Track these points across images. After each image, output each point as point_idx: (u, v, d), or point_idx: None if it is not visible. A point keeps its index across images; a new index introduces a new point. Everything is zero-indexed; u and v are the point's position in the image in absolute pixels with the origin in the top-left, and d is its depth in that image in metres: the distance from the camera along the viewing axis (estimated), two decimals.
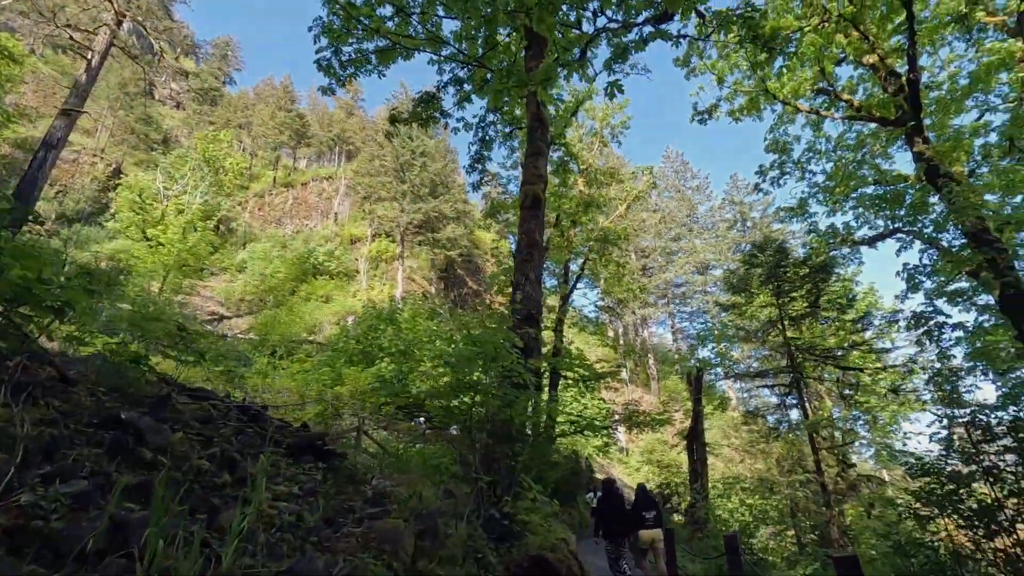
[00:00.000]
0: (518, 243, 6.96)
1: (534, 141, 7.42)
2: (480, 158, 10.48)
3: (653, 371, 46.20)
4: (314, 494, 2.71)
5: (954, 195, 11.50)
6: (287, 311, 38.50)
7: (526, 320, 6.33)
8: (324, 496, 2.73)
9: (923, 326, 12.90)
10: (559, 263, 20.65)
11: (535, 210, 7.04)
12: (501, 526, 3.77)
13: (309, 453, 3.39)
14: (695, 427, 15.53)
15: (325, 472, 3.21)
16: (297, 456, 3.31)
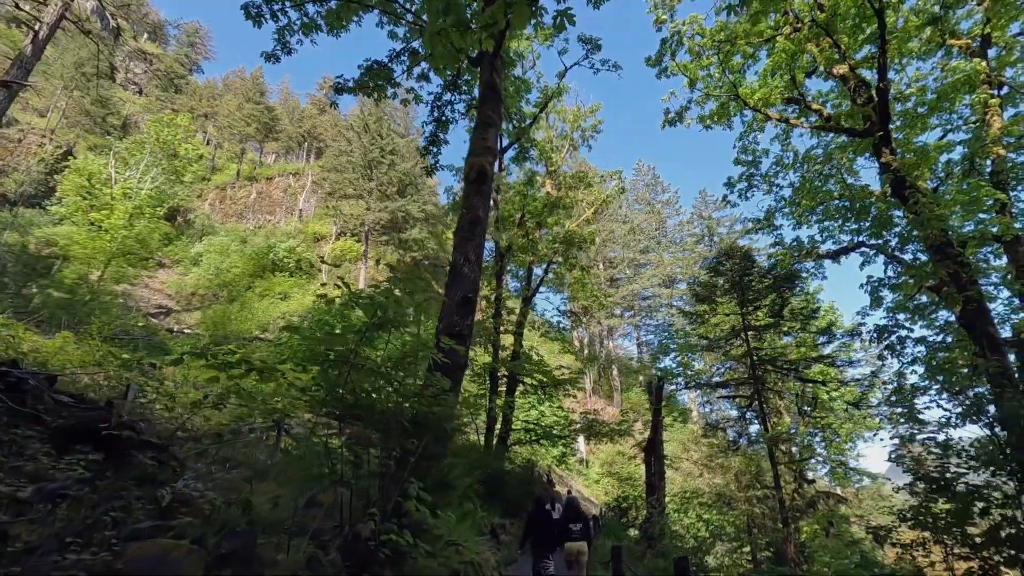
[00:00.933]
0: (460, 220, 6.24)
1: (485, 111, 6.71)
2: (435, 140, 9.72)
3: (617, 383, 45.92)
4: (57, 499, 1.88)
5: (920, 206, 11.30)
6: (239, 307, 36.77)
7: (461, 304, 5.57)
8: (81, 502, 1.91)
9: (885, 339, 12.65)
10: (522, 265, 19.99)
11: (481, 184, 6.31)
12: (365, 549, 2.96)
13: (85, 440, 2.53)
14: (654, 438, 14.97)
15: (104, 466, 2.38)
16: (65, 443, 2.45)
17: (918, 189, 12.11)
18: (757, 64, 16.92)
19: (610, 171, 20.97)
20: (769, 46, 15.65)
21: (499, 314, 16.99)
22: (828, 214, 17.20)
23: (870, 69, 14.50)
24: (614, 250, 50.56)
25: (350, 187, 41.95)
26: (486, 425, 15.91)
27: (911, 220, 11.86)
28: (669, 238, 51.62)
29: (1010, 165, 14.09)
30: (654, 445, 15.07)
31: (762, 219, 18.00)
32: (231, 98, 75.82)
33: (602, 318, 46.62)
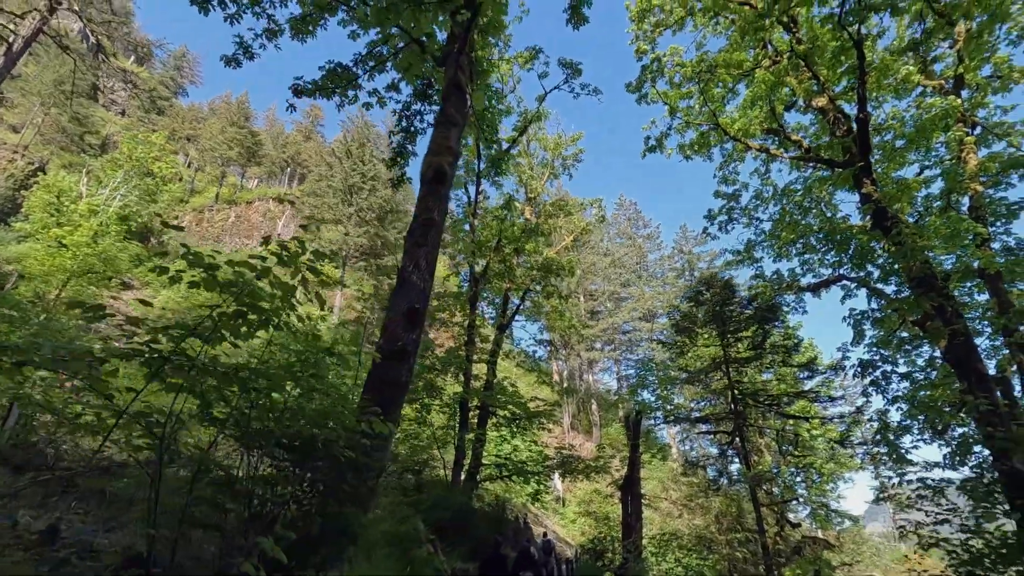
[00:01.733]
0: (412, 222, 5.63)
1: (448, 109, 6.19)
2: (403, 151, 9.19)
3: (597, 418, 44.93)
4: None
5: (902, 236, 11.03)
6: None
7: (407, 316, 4.90)
8: None
9: (869, 375, 12.20)
10: (498, 293, 19.37)
11: (438, 185, 5.74)
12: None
13: None
14: (631, 476, 14.17)
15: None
16: None
17: (900, 220, 11.90)
18: (736, 98, 17.01)
19: (590, 199, 20.70)
20: (748, 79, 15.68)
21: (472, 341, 16.25)
22: (808, 247, 17.05)
23: (849, 103, 14.54)
24: (595, 283, 50.34)
25: (329, 211, 41.30)
26: (454, 459, 14.96)
27: (894, 252, 11.60)
28: (650, 272, 51.64)
29: (988, 200, 14.06)
30: (631, 483, 14.25)
31: (742, 251, 17.78)
32: (215, 121, 75.42)
33: (582, 351, 45.95)
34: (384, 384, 4.56)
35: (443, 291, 19.20)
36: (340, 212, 41.29)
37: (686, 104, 16.78)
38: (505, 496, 22.60)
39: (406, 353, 4.81)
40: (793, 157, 15.12)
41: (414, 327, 4.96)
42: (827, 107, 14.45)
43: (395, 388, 4.63)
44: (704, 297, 15.02)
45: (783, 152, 15.38)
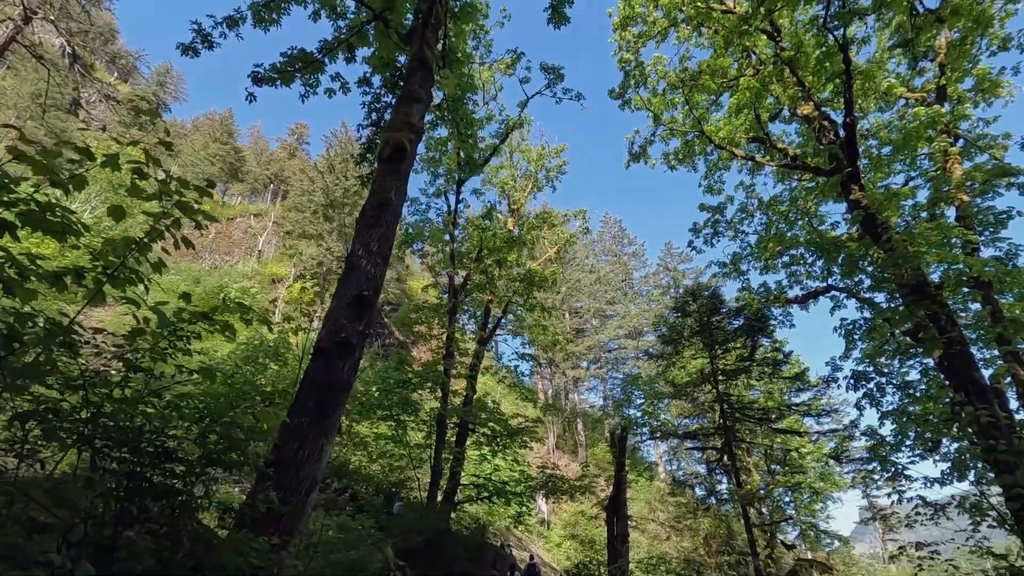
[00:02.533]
0: (366, 203, 5.03)
1: (411, 84, 5.64)
2: (372, 147, 8.64)
3: (582, 437, 44.07)
4: None
5: (893, 242, 10.67)
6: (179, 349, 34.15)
7: (353, 305, 4.27)
8: None
9: (862, 387, 11.72)
10: (479, 306, 18.75)
11: (397, 164, 5.16)
12: None
13: None
14: (617, 496, 13.45)
15: None
16: None
17: (889, 227, 11.58)
18: (720, 110, 16.82)
19: (574, 210, 20.30)
20: (733, 88, 15.47)
21: (451, 355, 15.54)
22: (795, 259, 16.78)
23: (835, 110, 14.37)
24: (580, 300, 49.92)
25: (310, 226, 40.52)
26: (431, 479, 14.13)
27: (884, 259, 11.24)
28: (635, 290, 51.40)
29: (976, 210, 13.87)
30: (617, 503, 13.53)
31: (729, 263, 17.44)
32: (197, 137, 74.65)
33: (567, 368, 45.27)
34: (322, 384, 3.90)
35: (422, 303, 18.52)
36: (322, 227, 40.54)
37: (670, 115, 16.56)
38: (486, 519, 21.65)
39: (350, 347, 4.15)
40: (780, 165, 14.86)
41: (361, 317, 4.31)
42: (813, 115, 14.23)
43: (334, 389, 3.96)
44: (691, 308, 14.54)
45: (769, 160, 15.12)
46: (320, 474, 3.64)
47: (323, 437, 3.72)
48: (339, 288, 4.56)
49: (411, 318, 17.31)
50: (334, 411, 3.88)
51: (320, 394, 3.85)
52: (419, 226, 16.87)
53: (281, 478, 3.40)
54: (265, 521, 3.14)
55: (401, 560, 11.25)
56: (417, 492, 15.39)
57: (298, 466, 3.49)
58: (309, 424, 3.71)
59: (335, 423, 3.89)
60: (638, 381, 17.23)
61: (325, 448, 3.72)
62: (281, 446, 3.58)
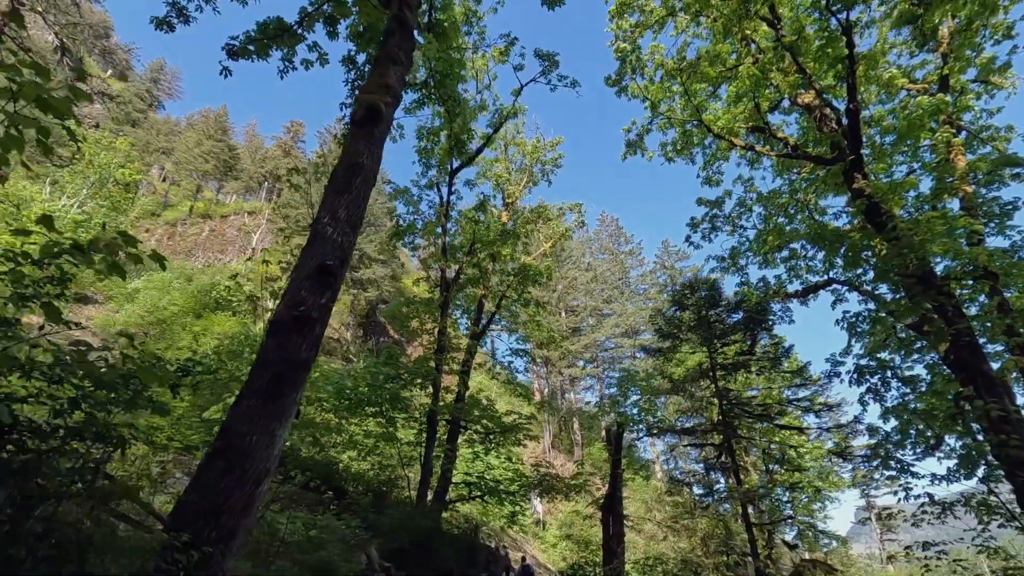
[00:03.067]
0: (335, 168, 4.62)
1: (389, 46, 5.22)
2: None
3: (579, 437, 43.67)
4: None
5: (898, 231, 10.29)
6: (165, 345, 33.65)
7: (316, 276, 3.85)
8: None
9: (866, 382, 11.34)
10: (472, 301, 18.34)
11: (371, 127, 4.74)
12: None
13: None
14: (612, 494, 13.04)
15: None
16: None
17: (894, 216, 11.22)
18: (719, 103, 16.47)
19: (570, 203, 19.89)
20: (732, 77, 15.11)
21: (442, 349, 15.11)
22: (795, 254, 16.47)
23: (836, 98, 14.02)
24: (576, 298, 49.53)
25: (305, 222, 40.03)
26: (420, 478, 13.70)
27: (889, 249, 10.86)
28: (632, 288, 51.06)
29: (980, 200, 13.53)
30: (613, 502, 13.12)
31: (727, 258, 17.10)
32: (191, 134, 73.98)
33: (563, 367, 44.87)
34: (277, 362, 3.48)
35: (413, 297, 18.10)
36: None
37: (667, 106, 16.20)
38: (480, 519, 21.21)
39: (309, 321, 3.72)
40: (780, 155, 14.49)
41: (324, 289, 3.89)
42: (814, 103, 13.89)
43: (291, 367, 3.53)
44: (689, 302, 14.15)
45: (769, 150, 14.74)
46: (272, 462, 3.21)
47: (276, 421, 3.29)
48: (301, 258, 4.15)
49: (402, 312, 16.88)
50: (290, 392, 3.45)
51: (274, 373, 3.42)
52: (411, 219, 16.45)
53: (226, 467, 2.99)
54: (205, 516, 2.73)
55: (388, 561, 10.81)
56: (408, 491, 14.95)
57: (246, 453, 3.06)
58: (260, 406, 3.29)
59: (291, 406, 3.46)
60: (635, 377, 16.84)
61: (278, 433, 3.29)
62: (227, 431, 3.17)
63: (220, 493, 2.88)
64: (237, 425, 3.17)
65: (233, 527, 2.84)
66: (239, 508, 2.91)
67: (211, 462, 3.02)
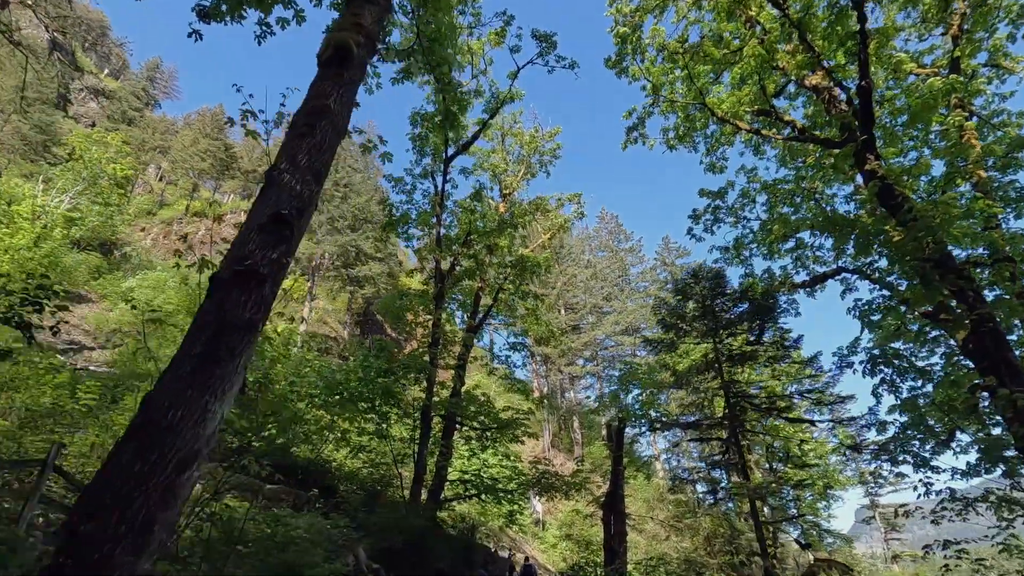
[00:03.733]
0: (299, 111, 4.08)
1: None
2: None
3: (579, 436, 43.12)
4: None
5: (916, 212, 9.75)
6: (158, 344, 33.12)
7: (269, 226, 3.29)
8: None
9: (879, 372, 10.79)
10: (468, 294, 17.80)
11: (339, 68, 4.19)
12: None
13: None
14: (614, 492, 12.50)
15: None
16: None
17: (909, 198, 10.69)
18: (723, 90, 15.99)
19: (569, 194, 19.33)
20: (735, 61, 14.60)
21: (437, 342, 14.57)
22: (801, 244, 15.99)
23: (846, 79, 13.51)
24: (576, 295, 48.98)
25: None
26: (414, 475, 13.16)
27: (904, 233, 10.33)
28: (632, 286, 50.54)
29: (996, 185, 13.02)
30: (614, 499, 12.58)
31: (731, 248, 16.60)
32: (187, 132, 73.39)
33: (562, 365, 44.32)
34: (215, 324, 2.91)
35: (407, 290, 17.58)
36: (312, 220, 39.51)
37: (669, 90, 15.70)
38: (478, 519, 20.67)
39: (257, 277, 3.15)
40: (787, 138, 13.97)
41: (277, 243, 3.33)
42: (822, 84, 13.39)
43: (231, 331, 2.97)
44: (693, 291, 13.60)
45: (775, 133, 14.22)
46: (204, 443, 2.66)
47: (210, 394, 2.74)
48: (253, 208, 3.60)
49: (396, 305, 16.34)
50: (229, 359, 2.88)
51: (210, 337, 2.87)
52: (405, 209, 15.91)
53: (141, 447, 2.45)
54: (112, 509, 2.19)
55: (378, 561, 10.27)
56: (401, 490, 14.41)
57: (168, 431, 2.51)
58: (190, 376, 2.73)
59: (231, 376, 2.89)
60: (637, 370, 16.31)
61: (213, 408, 2.74)
62: (148, 404, 2.62)
63: (132, 480, 2.33)
64: (159, 398, 2.62)
65: (147, 521, 2.29)
66: (156, 498, 2.35)
67: (125, 442, 2.48)
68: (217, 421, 2.78)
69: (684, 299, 14.13)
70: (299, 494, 11.05)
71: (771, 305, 12.35)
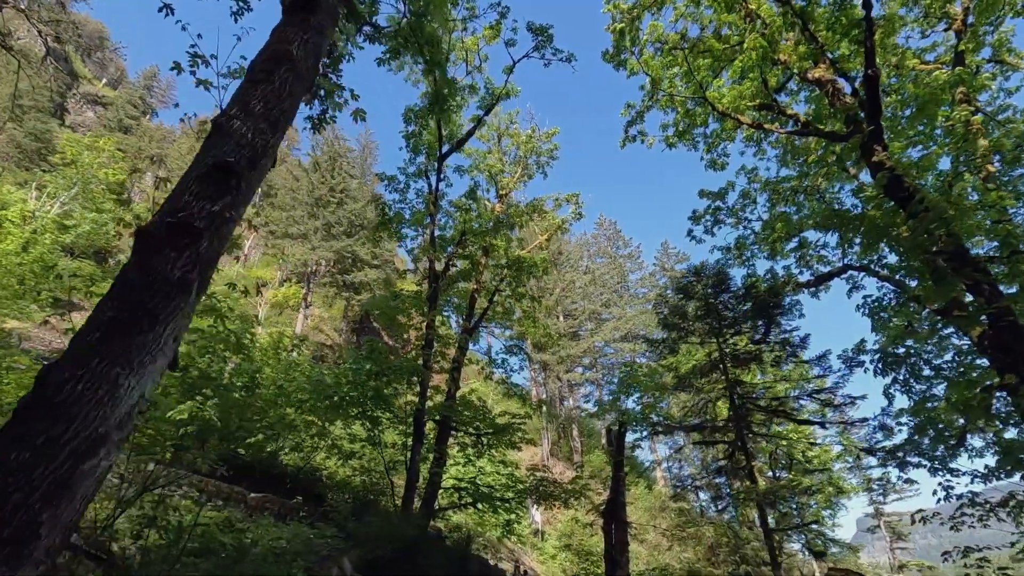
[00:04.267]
0: (256, 57, 3.65)
1: None
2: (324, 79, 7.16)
3: (578, 444, 42.47)
4: None
5: (928, 203, 9.34)
6: None
7: (211, 175, 2.84)
8: None
9: (892, 372, 10.33)
10: (463, 297, 17.35)
11: (304, 13, 3.75)
12: None
13: None
14: (615, 498, 11.98)
15: None
16: None
17: (919, 189, 10.29)
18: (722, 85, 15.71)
19: (567, 194, 18.92)
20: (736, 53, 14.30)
21: (431, 344, 14.08)
22: (805, 243, 15.67)
23: (851, 70, 13.19)
24: (575, 301, 48.51)
25: (294, 225, 39.05)
26: (406, 482, 12.62)
27: (914, 225, 9.92)
28: (631, 292, 50.12)
29: (1007, 180, 12.66)
30: (615, 508, 12.05)
31: (732, 248, 16.23)
32: (184, 140, 73.18)
33: (561, 372, 43.75)
34: (137, 283, 2.43)
35: (400, 291, 17.12)
36: (307, 226, 39.08)
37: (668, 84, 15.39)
38: (475, 529, 20.08)
39: (191, 232, 2.65)
40: (790, 132, 13.62)
41: (221, 194, 2.85)
42: (825, 77, 13.06)
43: (157, 290, 2.51)
44: (695, 289, 13.15)
45: (778, 127, 13.87)
46: (113, 427, 2.16)
47: (123, 365, 2.24)
48: (195, 159, 3.15)
49: (390, 306, 15.88)
50: (150, 326, 2.38)
51: (128, 299, 2.40)
52: (398, 209, 15.49)
53: (27, 430, 1.97)
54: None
55: (366, 573, 9.72)
56: (394, 499, 13.87)
57: (62, 410, 2.04)
58: (98, 344, 2.24)
59: (153, 347, 2.40)
60: (638, 373, 15.83)
61: (126, 384, 2.24)
62: (43, 378, 2.13)
63: (10, 472, 1.86)
64: (58, 370, 2.14)
65: (31, 523, 1.82)
66: (44, 494, 1.88)
67: (7, 426, 1.99)
68: (134, 401, 2.30)
69: (686, 298, 13.69)
70: (284, 502, 10.52)
71: (777, 301, 11.90)
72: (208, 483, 10.81)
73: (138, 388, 2.33)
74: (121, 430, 2.25)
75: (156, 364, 2.45)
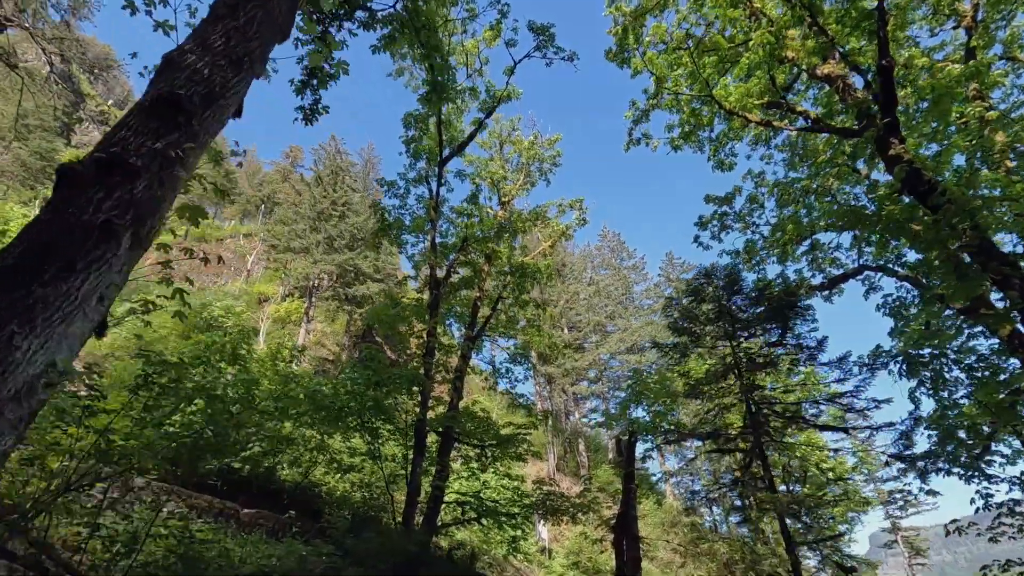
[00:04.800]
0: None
1: None
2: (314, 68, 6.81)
3: (585, 458, 41.64)
4: None
5: (950, 195, 8.90)
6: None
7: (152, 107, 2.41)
8: None
9: (917, 374, 9.80)
10: (465, 305, 16.91)
11: None
12: None
13: None
14: (626, 512, 11.38)
15: None
16: None
17: (939, 183, 9.85)
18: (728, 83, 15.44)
19: (571, 199, 18.58)
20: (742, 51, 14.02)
21: (432, 353, 13.61)
22: (817, 245, 15.26)
23: (862, 64, 12.87)
24: (579, 313, 48.00)
25: (296, 239, 38.83)
26: (407, 497, 12.07)
27: (936, 219, 9.47)
28: (636, 304, 49.59)
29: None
30: (626, 522, 11.45)
31: (742, 251, 15.79)
32: None
33: (566, 384, 43.08)
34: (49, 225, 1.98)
35: (400, 299, 16.71)
36: (309, 240, 38.87)
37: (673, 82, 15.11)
38: (479, 546, 19.38)
39: (124, 168, 2.16)
40: (801, 129, 13.25)
41: (165, 130, 2.39)
42: (835, 72, 12.73)
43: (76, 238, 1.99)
44: (707, 291, 12.67)
45: (787, 124, 13.50)
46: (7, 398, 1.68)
47: (19, 324, 1.74)
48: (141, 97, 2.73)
49: (390, 314, 15.45)
50: (62, 279, 1.88)
51: (35, 245, 1.96)
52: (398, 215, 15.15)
53: None
54: None
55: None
56: (394, 515, 13.29)
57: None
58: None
59: (66, 303, 1.91)
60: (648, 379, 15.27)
61: (22, 347, 1.74)
62: None
63: None
64: None
65: None
66: None
67: None
68: (38, 370, 1.84)
69: (697, 300, 13.22)
70: (278, 518, 10.00)
71: (793, 301, 11.42)
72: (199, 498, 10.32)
73: (43, 353, 1.87)
74: (19, 405, 1.80)
75: (72, 326, 1.99)
